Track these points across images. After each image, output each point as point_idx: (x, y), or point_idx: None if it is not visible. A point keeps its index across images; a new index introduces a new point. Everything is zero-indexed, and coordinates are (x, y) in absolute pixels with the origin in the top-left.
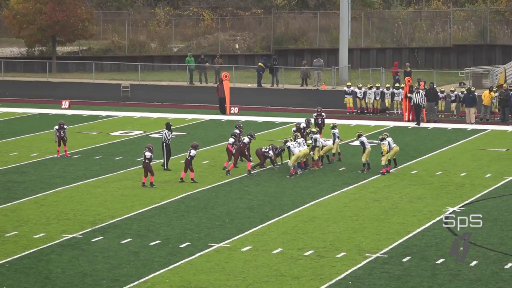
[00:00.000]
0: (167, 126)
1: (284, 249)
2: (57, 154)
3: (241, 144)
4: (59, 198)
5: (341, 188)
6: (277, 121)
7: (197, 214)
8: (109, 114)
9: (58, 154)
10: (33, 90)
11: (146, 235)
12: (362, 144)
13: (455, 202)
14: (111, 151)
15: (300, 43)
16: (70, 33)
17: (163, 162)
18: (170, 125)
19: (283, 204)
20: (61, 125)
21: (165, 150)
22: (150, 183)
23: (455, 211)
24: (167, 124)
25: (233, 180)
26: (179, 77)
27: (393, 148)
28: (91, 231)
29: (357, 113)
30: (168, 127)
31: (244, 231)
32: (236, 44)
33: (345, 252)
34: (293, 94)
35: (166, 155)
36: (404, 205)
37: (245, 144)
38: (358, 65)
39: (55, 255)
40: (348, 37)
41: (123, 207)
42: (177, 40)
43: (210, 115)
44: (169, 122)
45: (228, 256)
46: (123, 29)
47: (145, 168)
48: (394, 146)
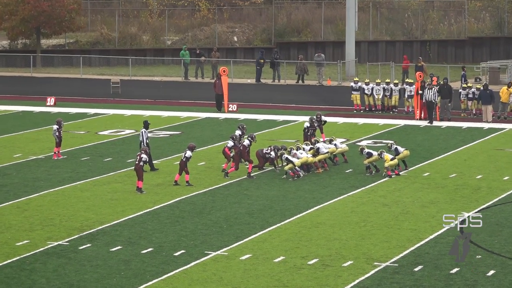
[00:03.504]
0: (145, 125)
1: (286, 258)
2: (53, 156)
3: (241, 147)
4: (43, 202)
5: (347, 192)
6: (279, 119)
7: (193, 219)
8: (98, 112)
9: (55, 156)
10: (16, 86)
11: (137, 243)
12: (369, 154)
13: (471, 207)
14: (100, 152)
15: (304, 36)
16: (56, 25)
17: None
18: (148, 123)
19: (285, 209)
20: (60, 123)
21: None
22: (139, 188)
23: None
24: (145, 122)
25: (231, 183)
26: (173, 72)
27: (402, 152)
28: (78, 238)
29: (364, 111)
30: (146, 125)
31: (243, 238)
32: (235, 36)
33: (352, 261)
34: (295, 90)
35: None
36: (416, 210)
37: (245, 147)
38: (366, 59)
39: (40, 264)
40: (355, 29)
41: (112, 212)
42: (171, 32)
43: (206, 113)
44: (146, 120)
45: (226, 265)
46: (113, 21)
47: (137, 171)
48: (404, 150)
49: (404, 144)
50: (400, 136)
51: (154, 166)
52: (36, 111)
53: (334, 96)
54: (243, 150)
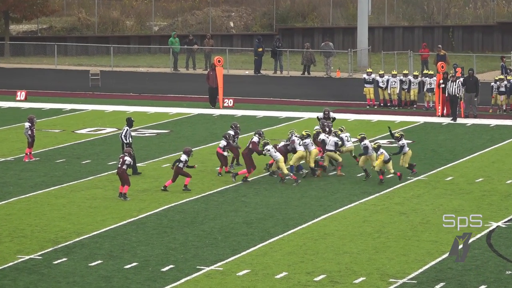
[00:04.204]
0: (128, 122)
1: (289, 273)
2: (25, 158)
3: (250, 145)
4: (13, 210)
5: (359, 199)
6: (281, 116)
7: (183, 230)
8: (75, 108)
9: (26, 158)
10: None
11: (120, 256)
12: (365, 150)
13: (500, 216)
14: (77, 153)
15: (310, 21)
16: (27, 8)
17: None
18: (132, 120)
19: (289, 218)
20: (33, 120)
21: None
22: (123, 194)
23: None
24: (128, 119)
25: (227, 188)
26: (160, 63)
27: (406, 153)
28: (52, 251)
29: (379, 106)
30: (130, 123)
31: (241, 251)
32: (231, 21)
33: (365, 277)
34: (300, 82)
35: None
36: (437, 219)
37: (254, 143)
38: (380, 47)
39: (8, 280)
40: (368, 13)
41: (92, 221)
42: (158, 17)
43: (198, 109)
44: (130, 117)
45: (221, 281)
46: (92, 4)
47: (121, 176)
48: (407, 150)
49: (424, 144)
50: (420, 135)
51: (137, 169)
52: (4, 107)
53: (344, 90)
54: (253, 147)
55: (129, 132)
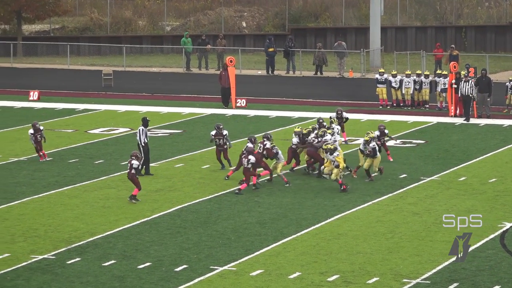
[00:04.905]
0: (144, 122)
1: (303, 274)
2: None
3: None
4: (26, 210)
5: (372, 199)
6: (294, 116)
7: (196, 230)
8: (88, 108)
9: (42, 158)
10: None
11: (133, 256)
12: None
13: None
14: (90, 153)
15: (322, 21)
16: (39, 8)
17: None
18: (147, 120)
19: (302, 218)
20: (36, 126)
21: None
22: (134, 196)
23: None
24: (143, 119)
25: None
26: (173, 63)
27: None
28: (66, 251)
29: (391, 107)
30: (145, 123)
31: (254, 251)
32: (243, 21)
33: (378, 277)
34: (312, 83)
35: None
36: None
37: (269, 150)
38: (393, 47)
39: (22, 280)
40: (381, 13)
41: (105, 221)
42: (171, 17)
43: (211, 109)
44: (145, 116)
45: (235, 281)
46: (104, 3)
47: (132, 180)
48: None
49: (437, 144)
50: (433, 135)
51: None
52: (17, 107)
53: (357, 90)
54: (268, 153)
55: (145, 132)
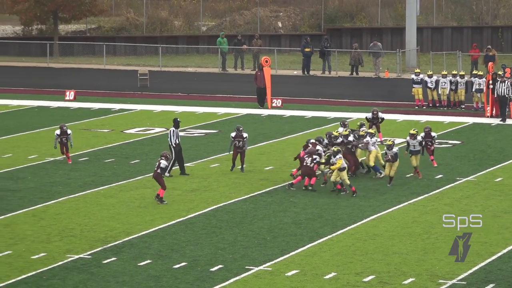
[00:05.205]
0: (175, 123)
1: (338, 274)
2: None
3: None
4: (62, 210)
5: (408, 199)
6: (329, 116)
7: (232, 230)
8: (124, 108)
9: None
10: (31, 77)
11: (169, 256)
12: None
13: None
14: (125, 153)
15: (358, 21)
16: (76, 8)
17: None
18: (178, 121)
19: (337, 219)
20: (63, 129)
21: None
22: (160, 197)
23: None
24: (174, 120)
25: (275, 188)
26: (209, 63)
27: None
28: (101, 250)
29: (427, 107)
30: (176, 124)
31: (289, 251)
32: (279, 22)
33: (414, 278)
34: (348, 83)
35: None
36: (487, 220)
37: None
38: (429, 47)
39: (58, 279)
40: (417, 14)
41: (140, 221)
42: (207, 17)
43: (247, 109)
44: (176, 117)
45: (270, 281)
46: (140, 3)
47: (156, 180)
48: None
49: (473, 145)
50: (469, 135)
51: (185, 170)
52: (53, 107)
53: (393, 90)
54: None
55: (176, 133)
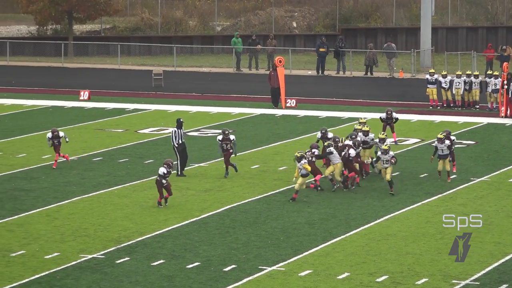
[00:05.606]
0: (178, 123)
1: (351, 274)
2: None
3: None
4: (76, 210)
5: (421, 200)
6: (344, 116)
7: (245, 230)
8: (138, 107)
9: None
10: (45, 77)
11: (182, 256)
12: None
13: None
14: (139, 153)
15: (373, 21)
16: (90, 8)
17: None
18: (181, 122)
19: (351, 219)
20: (54, 133)
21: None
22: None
23: None
24: (177, 120)
25: (289, 189)
26: (223, 63)
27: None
28: (115, 250)
29: (442, 107)
30: (178, 124)
31: (303, 251)
32: (294, 22)
33: (427, 278)
34: (362, 83)
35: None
36: (500, 220)
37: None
38: (444, 48)
39: (71, 279)
40: (432, 14)
41: (154, 221)
42: (221, 17)
43: (261, 109)
44: (180, 118)
45: (283, 282)
46: (155, 3)
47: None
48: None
49: (488, 145)
50: (483, 136)
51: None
52: (67, 106)
53: (407, 90)
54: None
55: (178, 133)
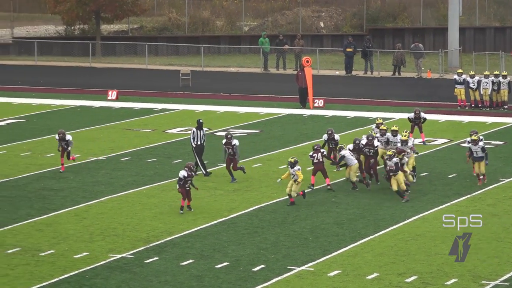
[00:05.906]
0: (198, 124)
1: (381, 274)
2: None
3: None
4: (104, 209)
5: (451, 200)
6: (371, 116)
7: (274, 230)
8: (166, 107)
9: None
10: (73, 77)
11: (211, 256)
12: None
13: None
14: (168, 153)
15: (400, 21)
16: (118, 8)
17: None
18: (201, 122)
19: (380, 219)
20: (60, 135)
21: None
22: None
23: None
24: (198, 121)
25: (317, 189)
26: (250, 63)
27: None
28: (144, 250)
29: (470, 107)
30: (199, 125)
31: (332, 251)
32: (321, 22)
33: (457, 279)
34: (390, 83)
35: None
36: None
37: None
38: (472, 48)
39: (100, 279)
40: (459, 14)
41: (183, 221)
42: (249, 17)
43: (289, 109)
44: (200, 119)
45: (312, 282)
46: (183, 3)
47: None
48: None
49: None
50: (511, 136)
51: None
52: (95, 106)
53: (435, 91)
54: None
55: (198, 134)
